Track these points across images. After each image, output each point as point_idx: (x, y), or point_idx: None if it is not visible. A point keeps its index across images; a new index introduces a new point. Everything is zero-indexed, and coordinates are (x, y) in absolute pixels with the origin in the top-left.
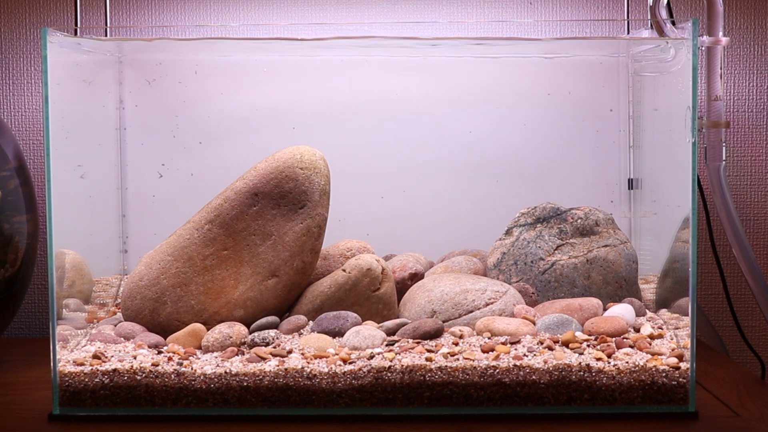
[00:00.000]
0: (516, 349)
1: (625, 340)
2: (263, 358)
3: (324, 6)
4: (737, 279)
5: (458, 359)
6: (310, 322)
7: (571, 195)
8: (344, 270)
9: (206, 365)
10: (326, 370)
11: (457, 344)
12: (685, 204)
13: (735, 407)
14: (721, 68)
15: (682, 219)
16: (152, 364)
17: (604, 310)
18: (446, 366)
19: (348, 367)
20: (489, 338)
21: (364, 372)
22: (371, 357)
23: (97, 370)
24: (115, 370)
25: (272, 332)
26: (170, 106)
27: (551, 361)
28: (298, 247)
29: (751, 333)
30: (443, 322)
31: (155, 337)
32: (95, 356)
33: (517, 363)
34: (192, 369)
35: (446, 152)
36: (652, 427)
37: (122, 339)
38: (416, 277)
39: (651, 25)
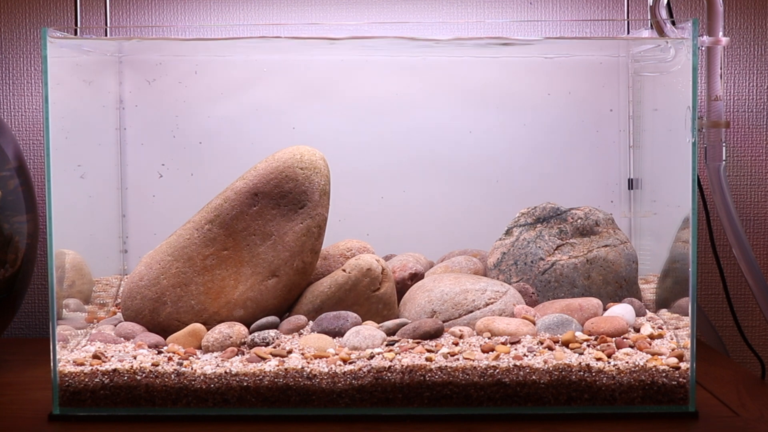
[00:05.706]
0: (516, 349)
1: (625, 340)
2: (263, 358)
3: (324, 6)
4: (737, 279)
5: (458, 359)
6: (310, 322)
7: (571, 195)
8: (344, 270)
9: (206, 365)
10: (326, 370)
11: (457, 344)
12: (685, 204)
13: (735, 407)
14: (721, 68)
15: (682, 219)
16: (152, 364)
17: (604, 310)
18: (446, 366)
19: (348, 367)
20: (489, 338)
21: (364, 372)
22: (371, 357)
23: (97, 370)
24: (115, 370)
25: (272, 332)
26: (170, 106)
27: (551, 361)
28: (298, 247)
29: (751, 333)
30: (443, 322)
31: (155, 337)
32: (95, 356)
33: (517, 363)
34: (192, 369)
35: (446, 152)
36: (652, 427)
37: (122, 339)
38: (416, 277)
39: (651, 25)
